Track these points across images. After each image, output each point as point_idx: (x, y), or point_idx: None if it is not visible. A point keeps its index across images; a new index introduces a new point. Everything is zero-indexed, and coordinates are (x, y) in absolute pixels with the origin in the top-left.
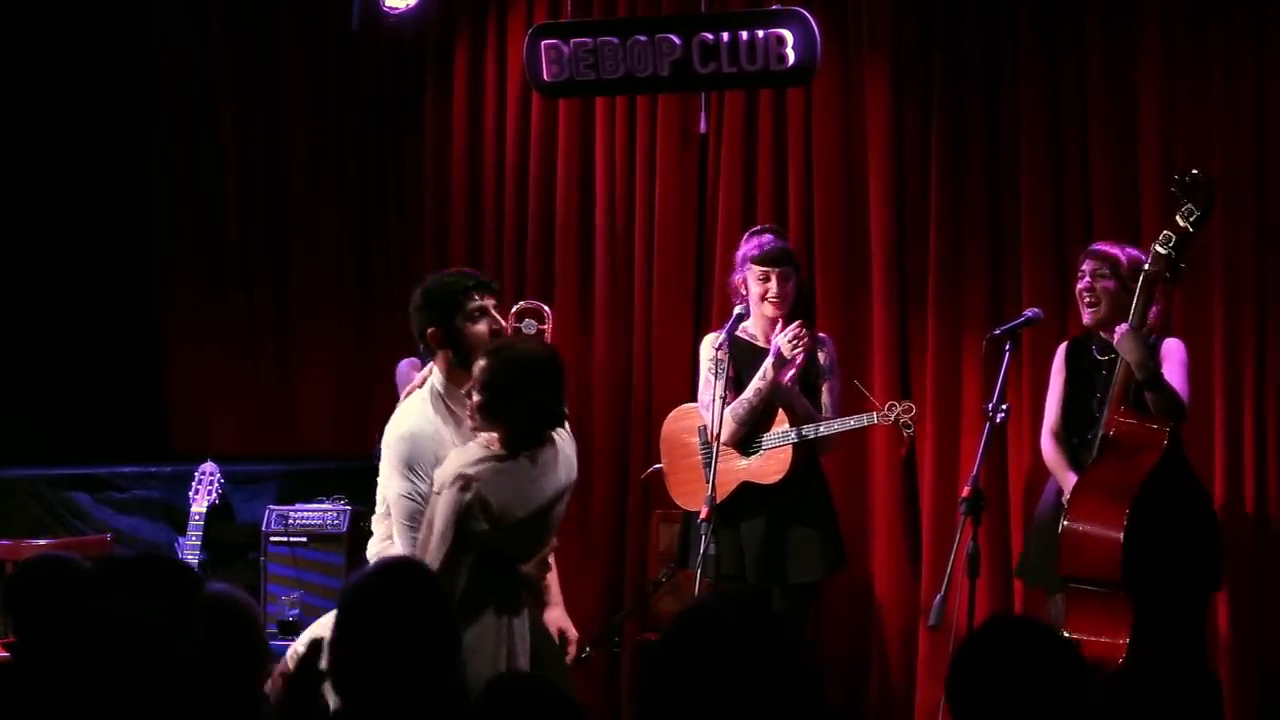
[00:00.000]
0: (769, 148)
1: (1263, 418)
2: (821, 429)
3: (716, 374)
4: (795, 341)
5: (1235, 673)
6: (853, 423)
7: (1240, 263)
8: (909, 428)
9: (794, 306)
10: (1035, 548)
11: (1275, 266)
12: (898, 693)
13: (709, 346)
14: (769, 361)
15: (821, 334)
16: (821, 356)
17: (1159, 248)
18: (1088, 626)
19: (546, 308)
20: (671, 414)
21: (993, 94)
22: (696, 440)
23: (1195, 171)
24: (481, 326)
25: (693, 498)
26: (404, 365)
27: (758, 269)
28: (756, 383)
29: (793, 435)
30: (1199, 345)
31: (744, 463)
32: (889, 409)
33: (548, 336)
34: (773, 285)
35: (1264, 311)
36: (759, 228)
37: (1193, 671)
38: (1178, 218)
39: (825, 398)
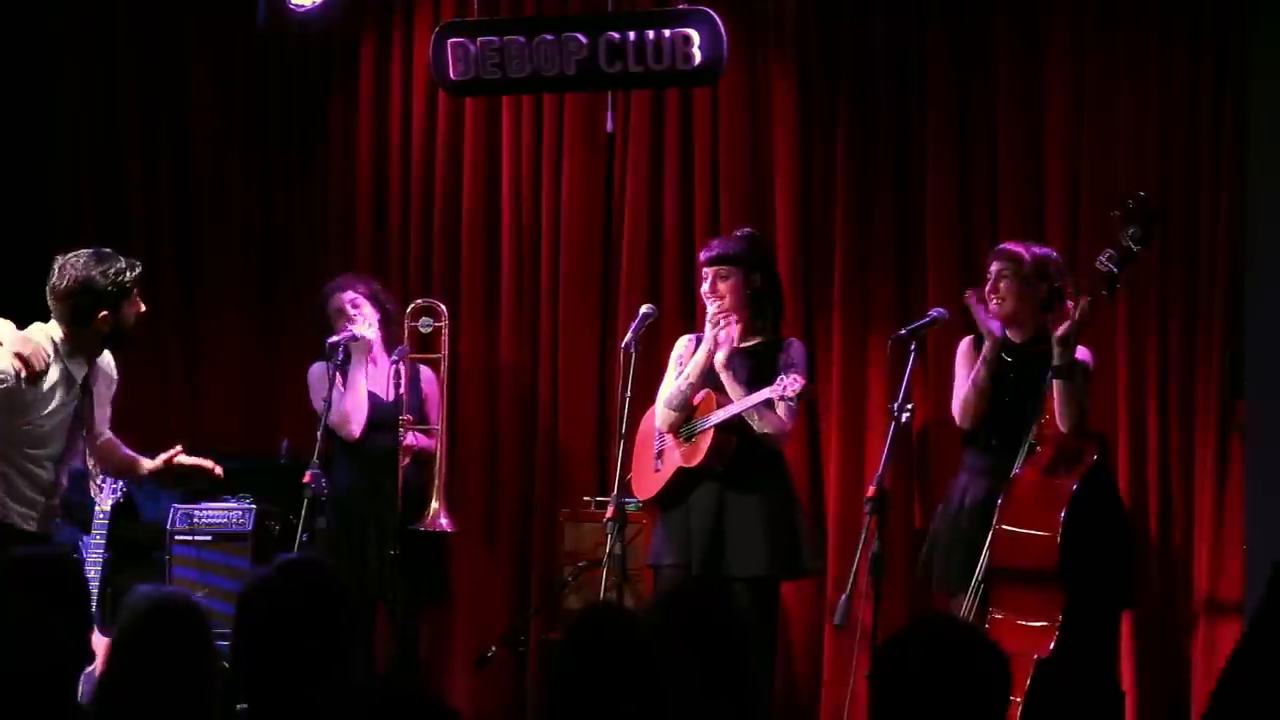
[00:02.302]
0: (675, 147)
1: (1166, 424)
2: (723, 414)
3: (625, 371)
4: (717, 318)
5: (1141, 688)
6: (749, 401)
7: (1142, 271)
8: (802, 397)
9: (746, 307)
10: (939, 549)
11: (1178, 274)
12: (803, 692)
13: (682, 344)
14: (701, 347)
15: (790, 338)
16: (782, 357)
17: (1102, 266)
18: (1018, 611)
19: (442, 306)
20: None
21: (900, 94)
22: (656, 432)
23: (1141, 194)
24: (135, 308)
25: (643, 489)
26: (317, 369)
27: (702, 267)
28: (688, 368)
29: (708, 421)
30: (1103, 354)
31: (682, 448)
32: (779, 382)
33: (443, 335)
34: (705, 284)
35: (1166, 312)
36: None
37: (1101, 683)
38: (1121, 239)
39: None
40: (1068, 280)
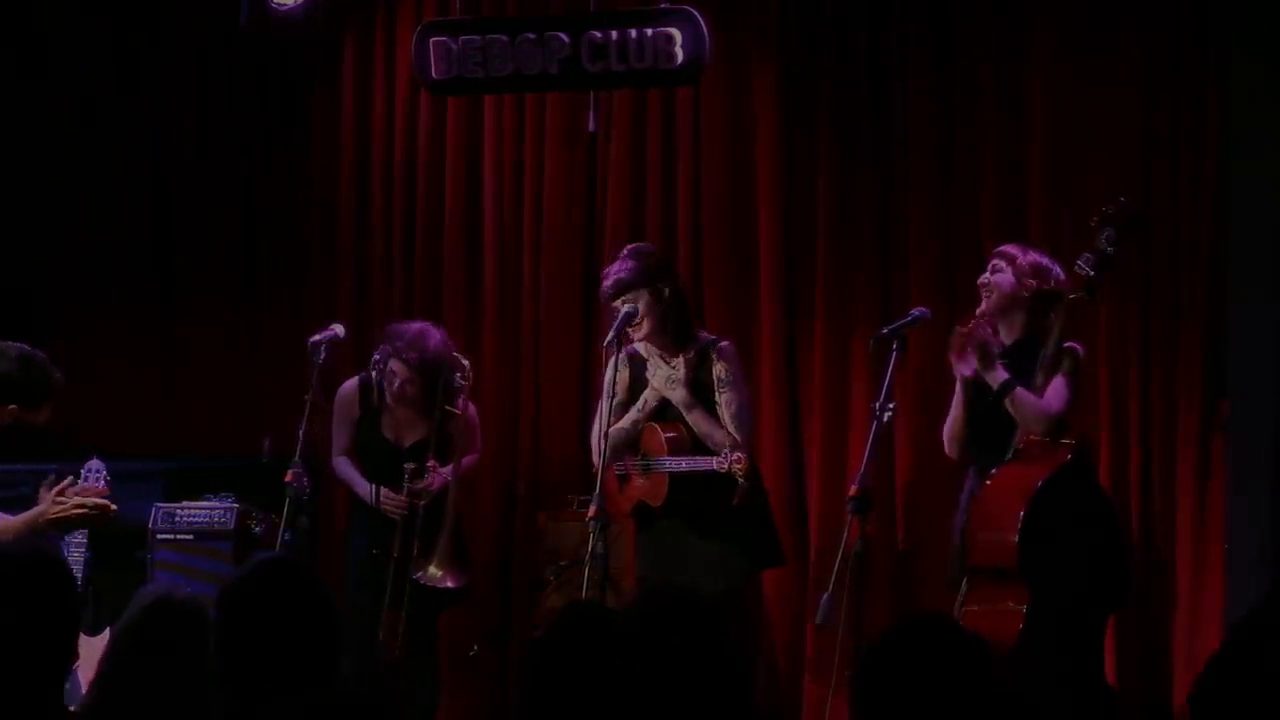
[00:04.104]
0: (657, 147)
1: (1147, 423)
2: (668, 465)
3: (607, 391)
4: (656, 371)
5: (1122, 687)
6: (684, 465)
7: (1124, 271)
8: (744, 478)
9: (666, 326)
10: (953, 548)
11: (1159, 273)
12: (784, 691)
13: (611, 369)
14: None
15: (723, 342)
16: (716, 369)
17: (1080, 269)
18: (987, 598)
19: (467, 363)
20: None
21: (881, 94)
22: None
23: (1121, 199)
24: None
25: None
26: (347, 389)
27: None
28: (634, 412)
29: (664, 465)
30: (1085, 354)
31: (640, 481)
32: (725, 456)
33: (463, 393)
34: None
35: (1148, 311)
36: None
37: (1087, 681)
38: (1098, 242)
39: (723, 412)
40: (1064, 286)
